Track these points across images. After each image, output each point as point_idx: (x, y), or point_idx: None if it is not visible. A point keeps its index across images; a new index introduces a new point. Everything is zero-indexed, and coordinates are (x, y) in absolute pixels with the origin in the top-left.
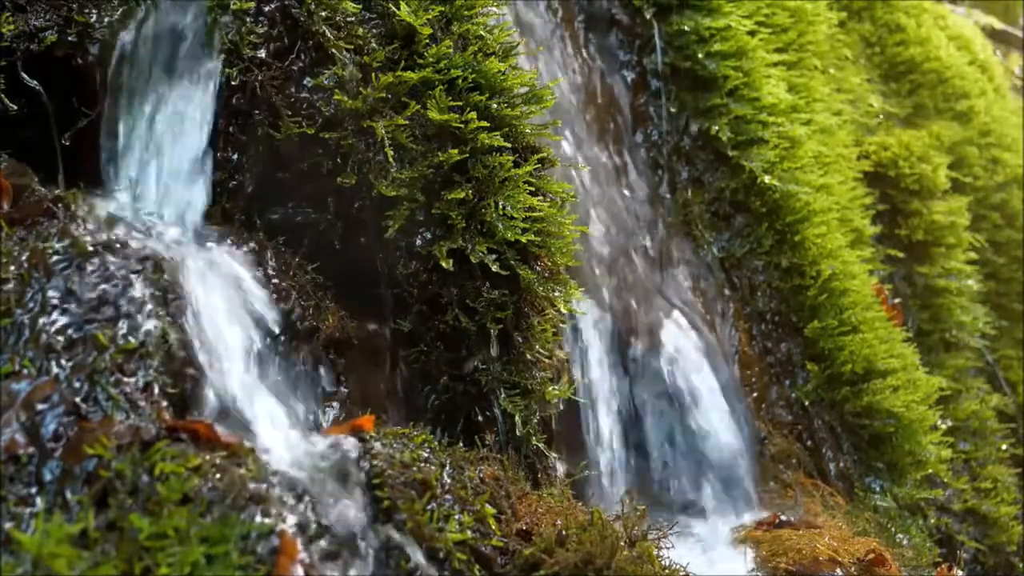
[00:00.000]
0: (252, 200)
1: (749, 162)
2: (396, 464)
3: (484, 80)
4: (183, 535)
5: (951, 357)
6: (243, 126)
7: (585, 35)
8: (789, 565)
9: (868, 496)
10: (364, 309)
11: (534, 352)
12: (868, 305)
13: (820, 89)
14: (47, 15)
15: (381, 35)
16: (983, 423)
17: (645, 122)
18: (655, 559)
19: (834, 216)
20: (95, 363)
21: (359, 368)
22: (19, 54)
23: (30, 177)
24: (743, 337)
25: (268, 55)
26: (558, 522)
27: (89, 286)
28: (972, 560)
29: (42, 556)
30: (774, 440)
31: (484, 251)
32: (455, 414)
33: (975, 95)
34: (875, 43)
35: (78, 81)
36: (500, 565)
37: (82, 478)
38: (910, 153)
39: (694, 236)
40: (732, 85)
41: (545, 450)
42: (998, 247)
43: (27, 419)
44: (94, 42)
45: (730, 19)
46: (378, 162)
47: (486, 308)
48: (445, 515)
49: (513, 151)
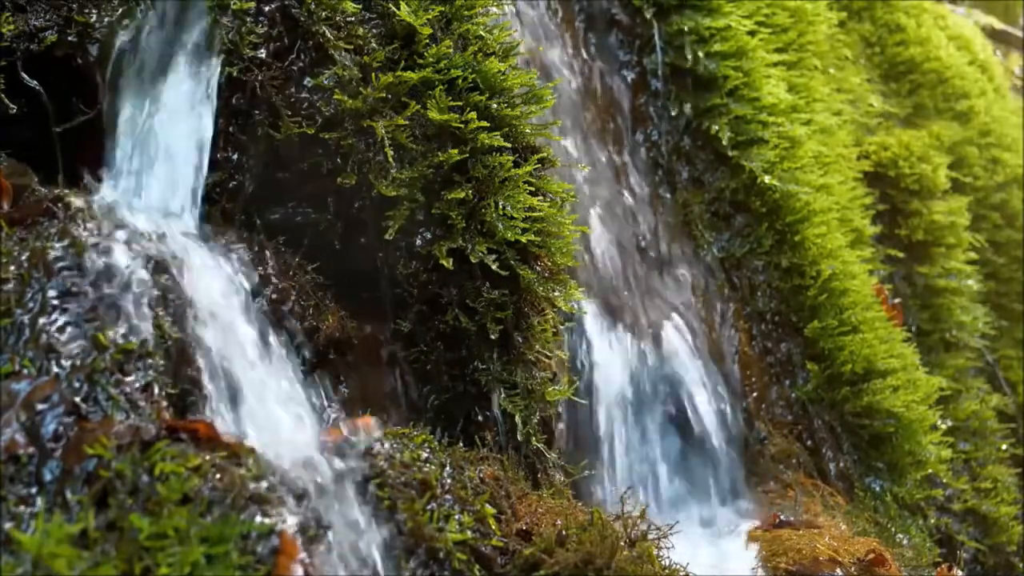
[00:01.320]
0: (252, 200)
1: (749, 162)
2: (396, 464)
3: (484, 80)
4: (183, 535)
5: (951, 357)
6: (243, 126)
7: (585, 35)
8: (789, 565)
9: (868, 496)
10: (364, 309)
11: (534, 352)
12: (868, 305)
13: (820, 89)
14: (47, 15)
15: (381, 35)
16: (983, 423)
17: (645, 122)
18: (655, 559)
19: (834, 216)
20: (95, 363)
21: (359, 368)
22: (19, 54)
23: (30, 177)
24: (743, 337)
25: (268, 55)
26: (558, 522)
27: (89, 286)
28: (972, 560)
29: (42, 556)
30: (774, 440)
31: (484, 251)
32: (455, 414)
33: (975, 95)
34: (875, 43)
35: (78, 81)
36: (500, 565)
37: (82, 478)
38: (910, 153)
39: (694, 236)
40: (732, 85)
41: (545, 450)
42: (998, 247)
43: (27, 419)
44: (94, 42)
45: (730, 19)
46: (378, 162)
47: (486, 308)
48: (445, 515)
49: (513, 151)
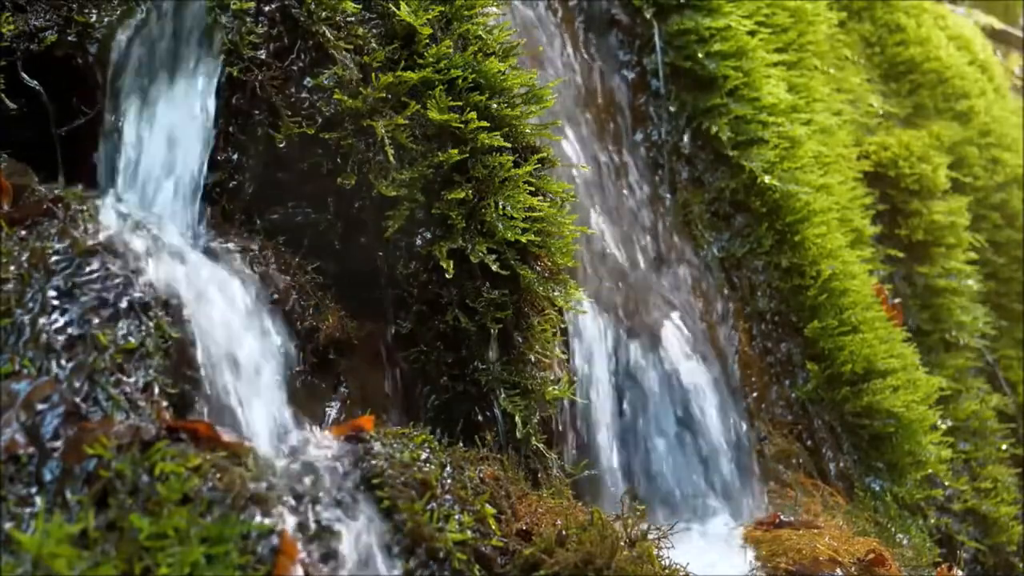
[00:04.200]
0: (252, 200)
1: (749, 162)
2: (396, 464)
3: (484, 80)
4: (183, 535)
5: (951, 357)
6: (243, 126)
7: (585, 35)
8: (789, 565)
9: (868, 496)
10: (364, 309)
11: (534, 352)
12: (868, 305)
13: (820, 89)
14: (47, 15)
15: (381, 35)
16: (983, 423)
17: (645, 122)
18: (655, 559)
19: (834, 216)
20: (95, 363)
21: (359, 368)
22: (19, 54)
23: (30, 177)
24: (743, 337)
25: (268, 55)
26: (558, 522)
27: (89, 286)
28: (972, 560)
29: (42, 556)
30: (774, 440)
31: (484, 251)
32: (455, 414)
33: (975, 95)
34: (875, 43)
35: (78, 81)
36: (500, 565)
37: (82, 478)
38: (910, 153)
39: (694, 236)
40: (732, 85)
41: (545, 450)
42: (998, 247)
43: (27, 419)
44: (94, 42)
45: (730, 19)
46: (378, 162)
47: (486, 308)
48: (445, 515)
49: (513, 151)
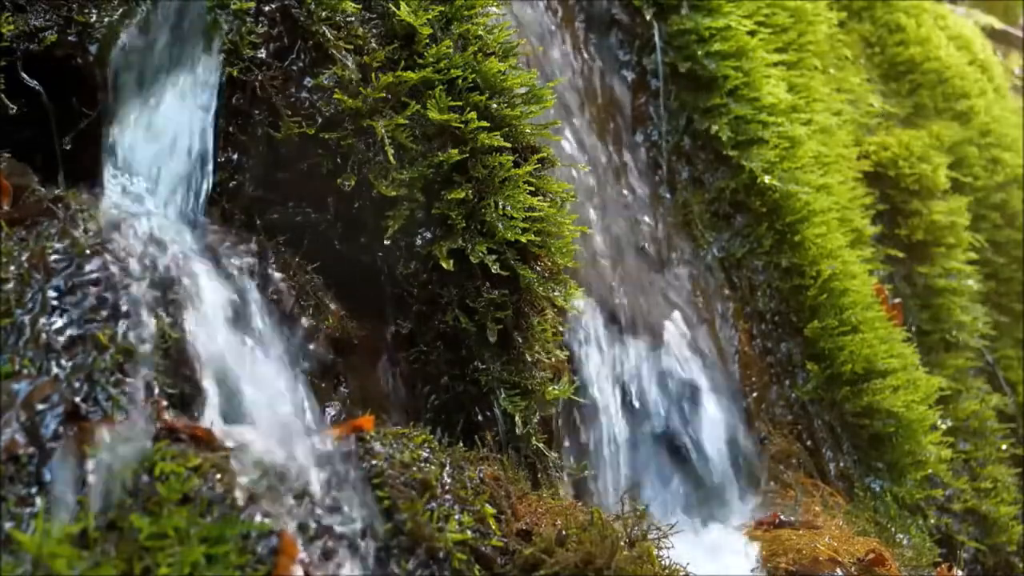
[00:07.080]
0: (252, 200)
1: (749, 162)
2: (396, 464)
3: (484, 80)
4: (183, 535)
5: (951, 357)
6: (243, 126)
7: (585, 35)
8: (789, 565)
9: (868, 496)
10: (364, 309)
11: (534, 352)
12: (868, 305)
13: (820, 89)
14: (47, 15)
15: (381, 35)
16: (983, 423)
17: (645, 122)
18: (655, 559)
19: (834, 216)
20: (95, 363)
21: (359, 368)
22: (19, 54)
23: (30, 177)
24: (743, 337)
25: (268, 55)
26: (558, 522)
27: (89, 286)
28: (972, 560)
29: (42, 556)
30: (774, 440)
31: (484, 251)
32: (455, 414)
33: (975, 95)
34: (875, 43)
35: (78, 81)
36: (500, 565)
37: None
38: (910, 153)
39: (694, 236)
40: (732, 85)
41: (545, 450)
42: (998, 247)
43: (27, 419)
44: (94, 42)
45: (730, 19)
46: (378, 162)
47: (486, 308)
48: (445, 515)
49: (513, 151)
